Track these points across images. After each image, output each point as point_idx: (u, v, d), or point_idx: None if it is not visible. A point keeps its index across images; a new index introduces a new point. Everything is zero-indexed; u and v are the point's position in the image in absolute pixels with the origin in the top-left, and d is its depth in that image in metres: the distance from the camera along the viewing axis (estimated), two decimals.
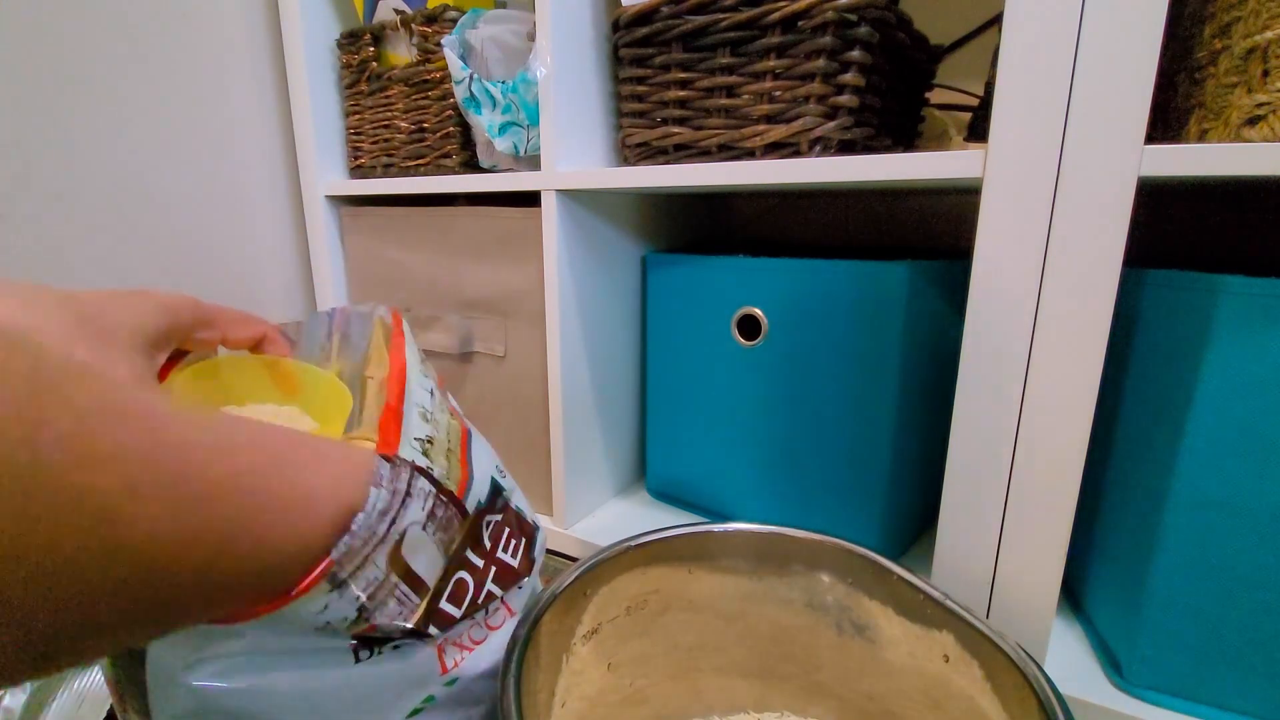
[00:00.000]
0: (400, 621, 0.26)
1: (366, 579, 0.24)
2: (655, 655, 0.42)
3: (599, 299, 0.62)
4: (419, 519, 0.26)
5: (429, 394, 0.31)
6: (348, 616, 0.24)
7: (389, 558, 0.24)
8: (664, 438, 0.65)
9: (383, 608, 0.25)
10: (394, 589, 0.25)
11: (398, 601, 0.26)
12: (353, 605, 0.24)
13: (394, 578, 0.25)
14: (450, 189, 0.63)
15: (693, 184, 0.51)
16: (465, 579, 0.29)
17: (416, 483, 0.26)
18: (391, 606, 0.26)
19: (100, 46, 0.61)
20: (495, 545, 0.32)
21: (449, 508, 0.28)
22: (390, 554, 0.25)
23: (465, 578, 0.29)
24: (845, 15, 0.43)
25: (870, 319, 0.50)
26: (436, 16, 0.62)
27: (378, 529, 0.24)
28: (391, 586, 0.25)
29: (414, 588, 0.26)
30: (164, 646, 0.26)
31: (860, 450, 0.53)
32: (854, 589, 0.40)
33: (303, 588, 0.22)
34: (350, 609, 0.24)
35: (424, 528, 0.26)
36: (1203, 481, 0.36)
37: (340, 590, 0.23)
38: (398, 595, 0.26)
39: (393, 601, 0.26)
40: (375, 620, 0.25)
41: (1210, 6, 0.37)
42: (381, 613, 0.25)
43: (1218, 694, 0.38)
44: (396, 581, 0.25)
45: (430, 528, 0.26)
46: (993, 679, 0.33)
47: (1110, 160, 0.34)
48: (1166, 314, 0.38)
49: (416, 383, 0.31)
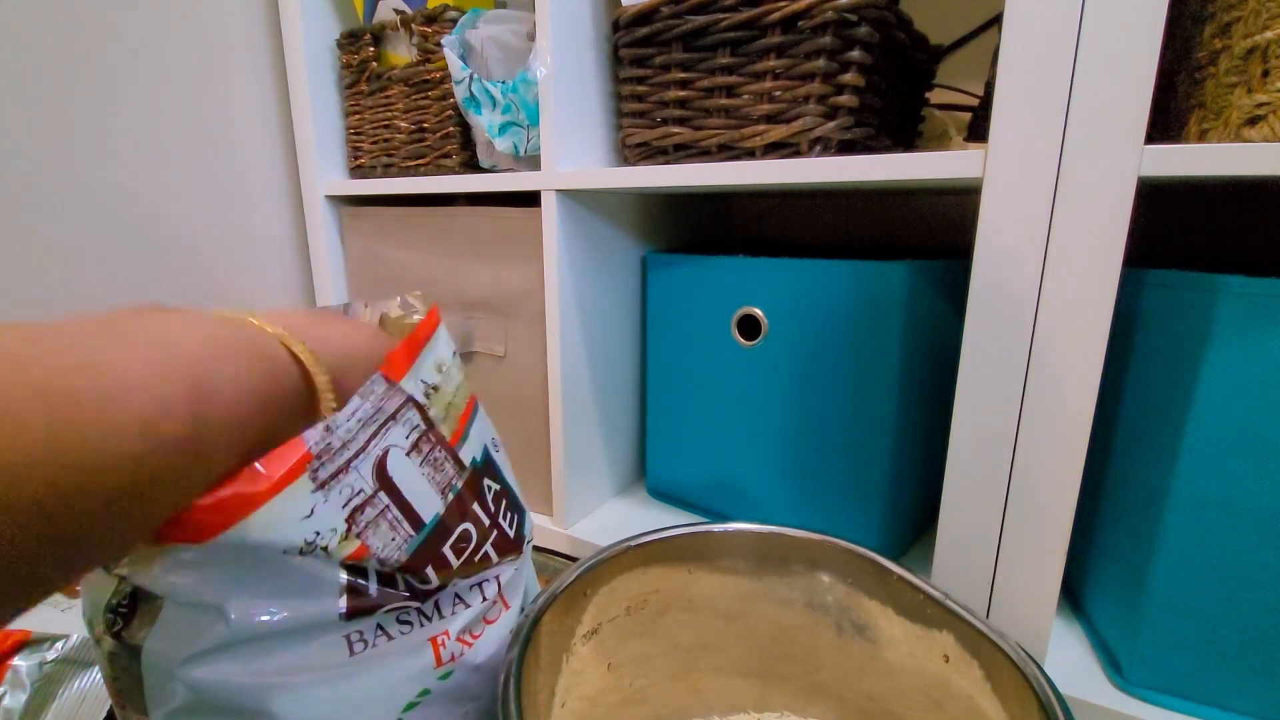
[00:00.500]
0: (394, 551, 0.27)
1: (351, 487, 0.25)
2: (655, 655, 0.42)
3: (599, 299, 0.62)
4: (402, 444, 0.27)
5: (451, 354, 0.32)
6: (337, 528, 0.25)
7: (374, 471, 0.26)
8: (664, 438, 0.65)
9: (375, 528, 0.26)
10: (384, 510, 0.26)
11: (390, 526, 0.27)
12: (340, 514, 0.25)
13: (383, 496, 0.26)
14: (450, 189, 0.63)
15: (693, 184, 0.51)
16: (470, 531, 0.30)
17: (406, 412, 0.27)
18: (384, 529, 0.26)
19: (100, 47, 0.61)
20: (497, 510, 0.33)
21: (438, 449, 0.29)
22: (375, 467, 0.26)
23: (470, 529, 0.30)
24: (845, 15, 0.43)
25: (870, 319, 0.50)
26: (436, 16, 0.62)
27: (359, 436, 0.25)
28: (381, 506, 0.26)
29: (405, 514, 0.27)
30: (160, 642, 0.26)
31: (860, 450, 0.53)
32: (854, 589, 0.40)
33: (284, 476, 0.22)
34: (338, 518, 0.25)
35: (408, 455, 0.27)
36: (1203, 481, 0.36)
37: (325, 492, 0.24)
38: (390, 519, 0.27)
39: (384, 524, 0.26)
40: (368, 540, 0.26)
41: (1210, 6, 0.37)
42: (374, 533, 0.26)
43: (1218, 694, 0.38)
44: (386, 502, 0.26)
45: (416, 458, 0.28)
46: (993, 679, 0.33)
47: (1110, 160, 0.34)
48: (1166, 314, 0.38)
49: (443, 339, 0.32)
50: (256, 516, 0.23)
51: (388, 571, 0.28)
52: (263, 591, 0.25)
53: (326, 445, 0.24)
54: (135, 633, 0.26)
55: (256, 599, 0.25)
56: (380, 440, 0.26)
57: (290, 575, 0.25)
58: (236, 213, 0.74)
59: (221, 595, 0.25)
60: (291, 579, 0.26)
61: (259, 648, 0.26)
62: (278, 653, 0.26)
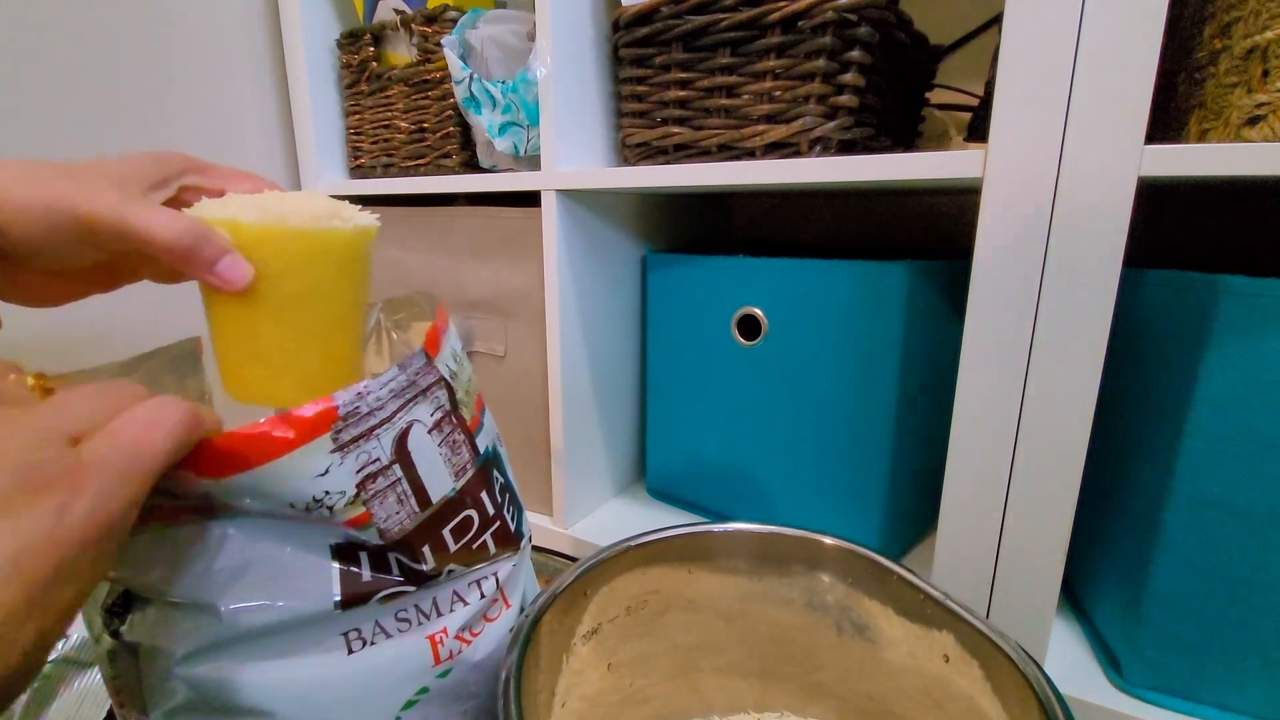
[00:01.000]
0: (395, 525, 0.27)
1: (369, 453, 0.25)
2: (655, 655, 0.42)
3: (599, 299, 0.62)
4: (426, 421, 0.27)
5: (460, 347, 0.33)
6: (346, 491, 0.25)
7: (395, 443, 0.26)
8: (664, 437, 0.65)
9: (382, 499, 0.26)
10: (396, 482, 0.26)
11: (398, 500, 0.27)
12: (352, 479, 0.25)
13: (397, 469, 0.26)
14: (450, 189, 0.63)
15: (693, 184, 0.51)
16: (472, 517, 0.31)
17: (437, 391, 0.28)
18: (390, 501, 0.26)
19: (100, 47, 0.61)
20: (503, 501, 0.33)
21: (458, 431, 0.29)
22: (396, 440, 0.26)
23: (472, 516, 0.31)
24: (845, 15, 0.43)
25: (870, 319, 0.50)
26: (436, 16, 0.62)
27: (388, 406, 0.25)
28: (394, 479, 0.26)
29: (415, 490, 0.27)
30: (157, 640, 0.26)
31: (860, 450, 0.53)
32: (854, 589, 0.40)
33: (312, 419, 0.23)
34: (349, 482, 0.25)
35: (430, 432, 0.28)
36: (1203, 481, 0.36)
37: (343, 454, 0.24)
38: (399, 493, 0.27)
39: (392, 496, 0.27)
40: (373, 509, 0.26)
41: (1210, 6, 0.37)
42: (381, 504, 0.26)
43: (1218, 694, 0.38)
44: (399, 475, 0.26)
45: (436, 437, 0.28)
46: (993, 679, 0.33)
47: (1110, 160, 0.34)
48: (1166, 314, 0.38)
49: (454, 334, 0.33)
50: (271, 466, 0.23)
51: (384, 545, 0.27)
52: (255, 586, 0.25)
53: (354, 409, 0.25)
54: (132, 631, 0.26)
55: (249, 593, 0.25)
56: (406, 413, 0.27)
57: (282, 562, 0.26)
58: None
59: (214, 594, 0.25)
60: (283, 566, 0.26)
61: (256, 646, 0.26)
62: (275, 651, 0.26)
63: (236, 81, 0.73)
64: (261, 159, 0.76)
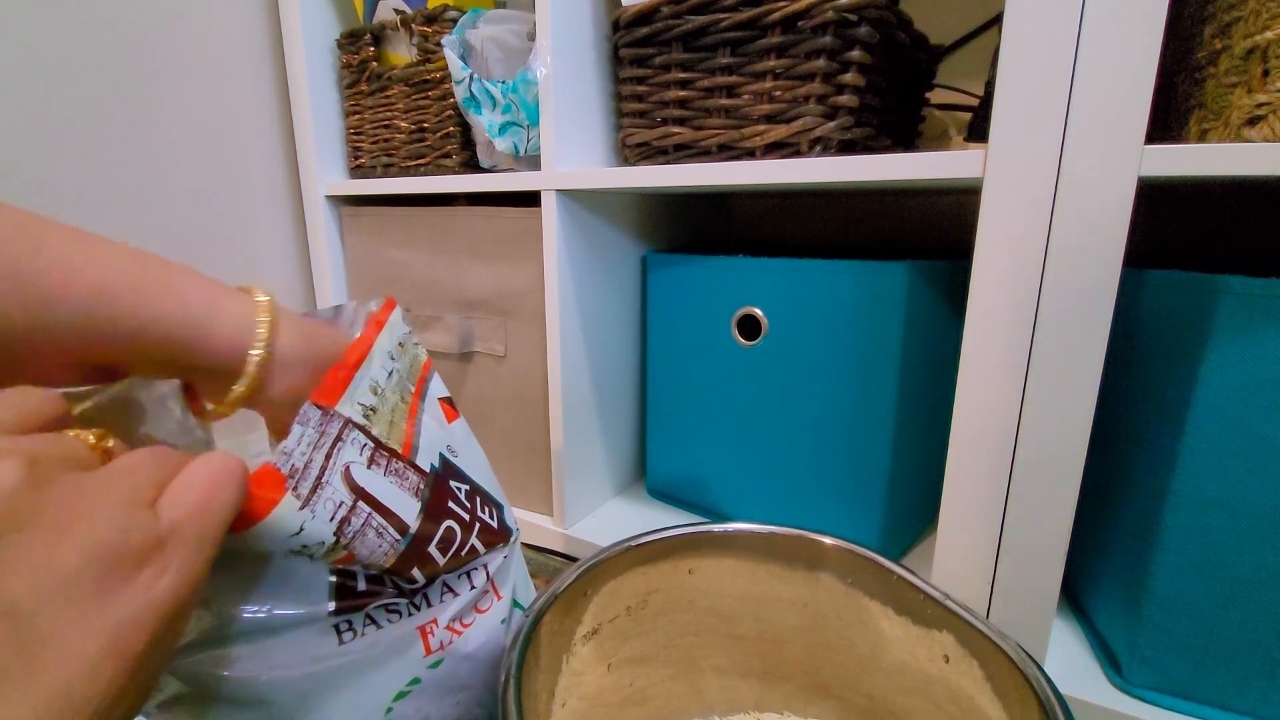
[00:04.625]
0: (381, 558, 0.27)
1: (332, 500, 0.25)
2: (655, 655, 0.42)
3: (599, 299, 0.62)
4: (359, 460, 0.28)
5: (387, 374, 0.33)
6: (325, 541, 0.25)
7: (344, 481, 0.26)
8: (664, 437, 0.65)
9: (361, 537, 0.26)
10: (367, 519, 0.27)
11: (375, 533, 0.27)
12: (329, 527, 0.25)
13: (362, 506, 0.27)
14: (450, 189, 0.63)
15: (693, 184, 0.51)
16: (454, 529, 0.31)
17: (350, 433, 0.28)
18: (370, 538, 0.27)
19: (100, 47, 0.61)
20: (473, 506, 0.34)
21: (395, 460, 0.30)
22: (344, 478, 0.26)
23: (453, 527, 0.31)
24: (845, 15, 0.43)
25: (870, 319, 0.50)
26: (436, 16, 0.62)
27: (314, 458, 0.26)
28: (364, 515, 0.27)
29: (389, 519, 0.28)
30: None
31: (860, 450, 0.53)
32: (854, 589, 0.40)
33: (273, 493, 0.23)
34: (327, 532, 0.25)
35: (369, 468, 0.28)
36: (1203, 481, 0.36)
37: (310, 508, 0.24)
38: (375, 527, 0.27)
39: (370, 532, 0.27)
40: (355, 550, 0.26)
41: (1210, 6, 0.37)
42: (361, 542, 0.26)
43: (1217, 694, 0.38)
44: (368, 511, 0.27)
45: (377, 470, 0.28)
46: (993, 679, 0.33)
47: (1110, 160, 0.34)
48: (1166, 314, 0.38)
49: (379, 361, 0.32)
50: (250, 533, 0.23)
51: (375, 574, 0.28)
52: (251, 589, 0.25)
53: (291, 466, 0.25)
54: None
55: (244, 597, 0.25)
56: (337, 459, 0.27)
57: (279, 575, 0.26)
58: (236, 212, 0.74)
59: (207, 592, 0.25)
60: (280, 579, 0.26)
61: (248, 639, 0.26)
62: (267, 643, 0.26)
63: (236, 81, 0.73)
64: (261, 159, 0.76)
